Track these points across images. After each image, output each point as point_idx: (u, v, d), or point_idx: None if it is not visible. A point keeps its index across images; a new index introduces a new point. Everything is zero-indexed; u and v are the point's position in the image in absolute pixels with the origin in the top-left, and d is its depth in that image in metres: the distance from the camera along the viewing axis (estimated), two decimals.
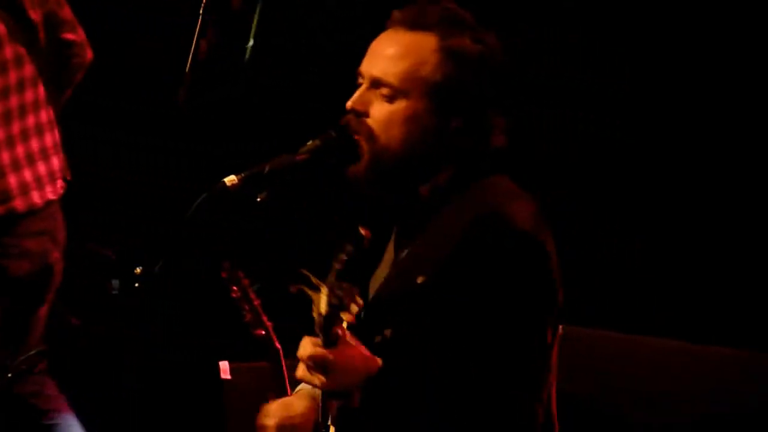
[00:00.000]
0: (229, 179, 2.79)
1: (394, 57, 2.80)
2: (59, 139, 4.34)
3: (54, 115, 4.32)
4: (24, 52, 4.18)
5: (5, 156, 4.19)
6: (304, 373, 2.66)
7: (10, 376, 4.21)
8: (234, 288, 3.96)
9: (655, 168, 4.52)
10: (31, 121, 4.23)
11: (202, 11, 4.58)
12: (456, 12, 2.84)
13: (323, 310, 2.58)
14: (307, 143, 2.84)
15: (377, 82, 2.80)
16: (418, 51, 2.79)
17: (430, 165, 2.82)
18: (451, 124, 2.80)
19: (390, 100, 2.79)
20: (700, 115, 4.44)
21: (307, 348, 2.63)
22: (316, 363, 2.62)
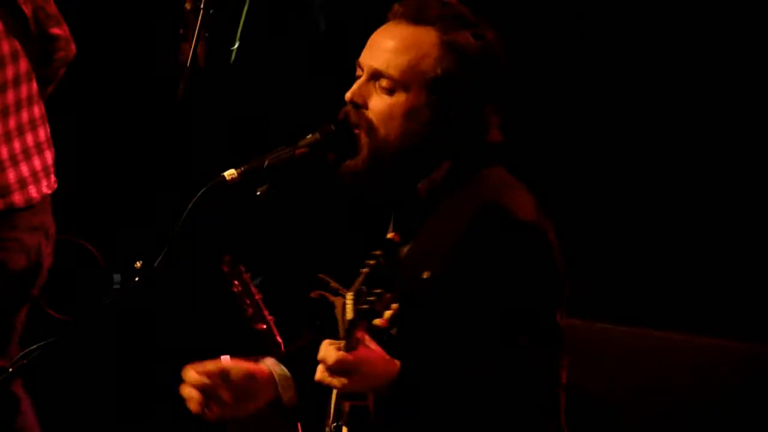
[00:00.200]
0: (229, 173, 2.79)
1: (395, 50, 2.80)
2: (49, 134, 4.35)
3: (44, 110, 4.33)
4: (19, 47, 4.18)
5: (4, 151, 4.19)
6: (323, 375, 2.64)
7: (11, 370, 4.20)
8: (235, 282, 3.95)
9: (658, 158, 4.51)
10: (25, 116, 4.23)
11: (203, 5, 4.57)
12: (457, 7, 2.85)
13: (349, 316, 2.57)
14: (307, 136, 2.84)
15: (377, 74, 2.80)
16: (419, 44, 2.80)
17: (428, 159, 2.82)
18: (449, 117, 2.80)
19: (390, 92, 2.79)
20: (701, 109, 4.44)
21: (329, 352, 2.61)
22: (340, 368, 2.61)
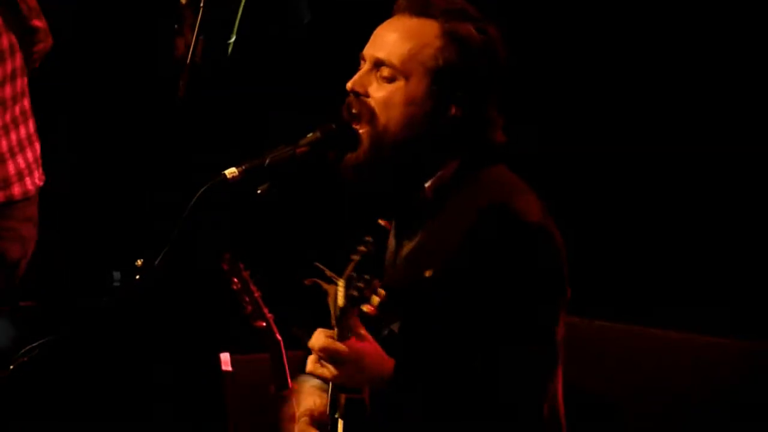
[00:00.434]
0: (230, 171, 2.79)
1: (398, 40, 2.81)
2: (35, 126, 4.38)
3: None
4: (15, 41, 4.20)
5: (3, 144, 4.21)
6: (314, 366, 2.65)
7: (12, 367, 4.20)
8: (235, 280, 3.95)
9: (658, 159, 4.51)
10: (18, 108, 4.26)
11: (202, 4, 4.57)
12: (461, 3, 2.86)
13: (341, 303, 2.57)
14: (307, 135, 2.84)
15: (379, 63, 2.81)
16: (421, 35, 2.81)
17: (430, 154, 2.81)
18: (451, 110, 2.80)
19: (390, 81, 2.80)
20: (701, 109, 4.44)
21: (320, 339, 2.63)
22: (329, 355, 2.62)
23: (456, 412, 2.65)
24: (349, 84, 2.83)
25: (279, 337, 3.95)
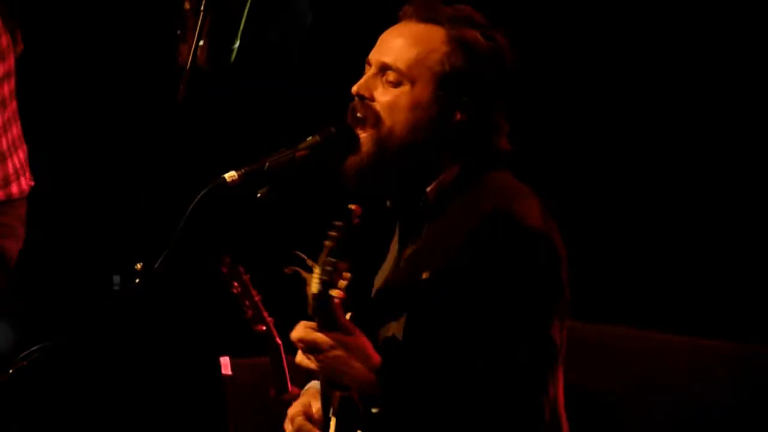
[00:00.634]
0: (229, 175, 2.79)
1: (404, 45, 2.81)
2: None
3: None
4: (10, 41, 4.23)
5: (3, 142, 4.23)
6: (300, 357, 2.66)
7: (11, 372, 4.20)
8: (235, 283, 3.96)
9: (657, 156, 4.50)
10: (11, 108, 4.28)
11: (203, 7, 4.57)
12: (467, 10, 2.86)
13: (315, 290, 2.56)
14: (307, 139, 2.84)
15: (385, 68, 2.81)
16: (428, 40, 2.81)
17: (435, 159, 2.82)
18: (456, 116, 2.80)
19: (396, 85, 2.80)
20: (700, 112, 4.44)
21: (298, 330, 2.64)
22: (307, 345, 2.62)
23: (448, 414, 2.64)
24: (354, 88, 2.83)
25: (279, 340, 3.96)
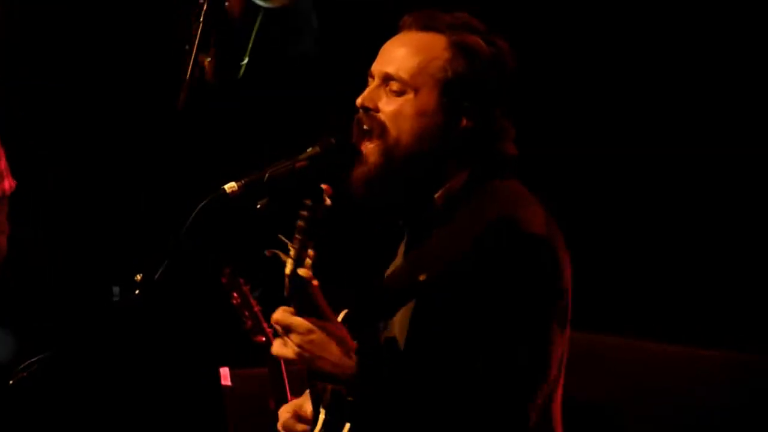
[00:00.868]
0: (229, 186, 2.80)
1: (406, 54, 2.81)
2: None
3: None
4: None
5: None
6: (277, 347, 2.65)
7: (11, 382, 4.20)
8: (234, 294, 3.96)
9: (655, 165, 4.49)
10: None
11: (202, 19, 4.57)
12: (467, 17, 2.86)
13: (288, 271, 2.56)
14: (307, 150, 2.85)
15: (388, 78, 2.81)
16: (429, 48, 2.81)
17: (441, 167, 2.81)
18: (461, 122, 2.80)
19: (399, 94, 2.79)
20: (701, 119, 4.43)
21: (277, 313, 2.63)
22: (283, 327, 2.61)
23: (427, 403, 2.63)
24: (358, 100, 2.83)
25: None
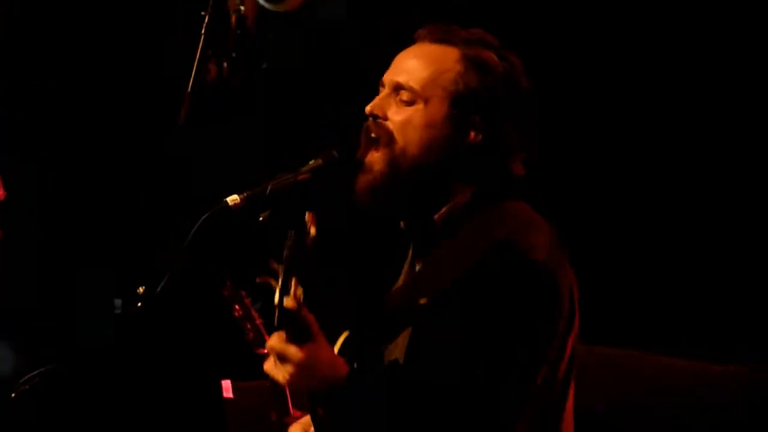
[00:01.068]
0: (231, 199, 2.80)
1: (418, 65, 2.81)
2: None
3: None
4: None
5: None
6: (269, 367, 2.64)
7: (13, 396, 4.20)
8: (236, 307, 3.95)
9: (662, 180, 4.48)
10: None
11: (204, 31, 4.57)
12: (482, 32, 2.86)
13: (276, 300, 2.55)
14: (309, 162, 2.84)
15: (398, 87, 2.81)
16: (442, 60, 2.81)
17: (448, 181, 2.80)
18: (470, 136, 2.79)
19: (409, 104, 2.79)
20: (702, 130, 4.42)
21: (272, 339, 2.61)
22: (277, 355, 2.60)
23: (415, 418, 2.61)
24: (368, 108, 2.83)
25: None
